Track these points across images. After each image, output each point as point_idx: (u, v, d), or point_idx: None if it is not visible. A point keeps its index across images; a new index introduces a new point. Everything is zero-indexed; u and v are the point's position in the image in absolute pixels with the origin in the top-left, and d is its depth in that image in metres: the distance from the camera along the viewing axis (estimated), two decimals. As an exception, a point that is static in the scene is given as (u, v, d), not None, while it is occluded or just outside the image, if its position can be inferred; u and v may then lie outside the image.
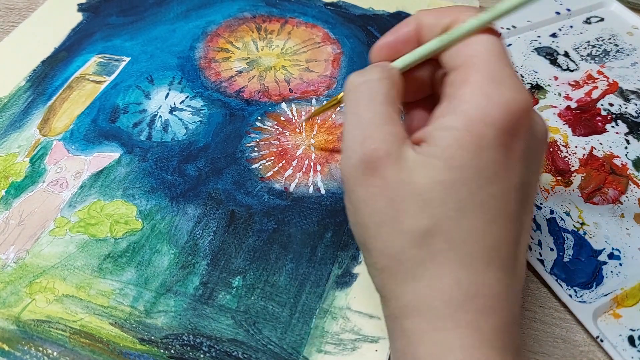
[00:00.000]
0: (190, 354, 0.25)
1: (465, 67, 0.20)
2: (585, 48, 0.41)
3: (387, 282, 0.20)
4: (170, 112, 0.36)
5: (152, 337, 0.26)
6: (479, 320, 0.19)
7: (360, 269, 0.29)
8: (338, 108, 0.36)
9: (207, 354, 0.25)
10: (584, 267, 0.29)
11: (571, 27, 0.42)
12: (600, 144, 0.35)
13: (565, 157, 0.34)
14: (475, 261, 0.19)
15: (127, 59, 0.40)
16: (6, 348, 0.26)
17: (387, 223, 0.20)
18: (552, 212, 0.31)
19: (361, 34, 0.42)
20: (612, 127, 0.36)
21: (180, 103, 0.37)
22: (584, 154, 0.34)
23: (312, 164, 0.33)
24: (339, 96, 0.28)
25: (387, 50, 0.23)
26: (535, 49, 0.41)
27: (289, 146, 0.34)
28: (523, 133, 0.20)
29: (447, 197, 0.19)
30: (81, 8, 0.44)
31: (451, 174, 0.19)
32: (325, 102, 0.32)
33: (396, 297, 0.20)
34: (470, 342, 0.19)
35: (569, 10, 0.43)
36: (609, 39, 0.42)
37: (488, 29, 0.20)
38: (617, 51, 0.41)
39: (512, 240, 0.20)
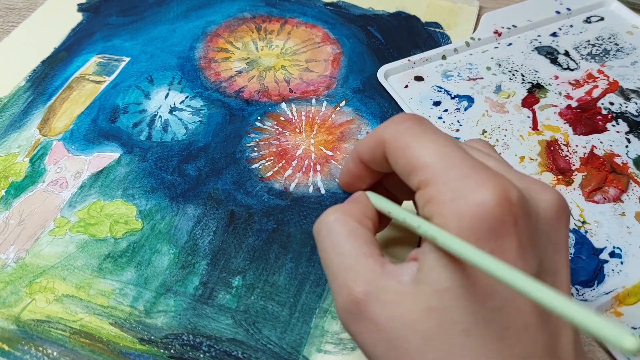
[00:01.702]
0: (190, 353, 0.25)
1: (429, 187, 0.18)
2: (586, 47, 0.41)
3: None
4: (170, 112, 0.36)
5: (152, 337, 0.26)
6: None
7: (360, 269, 0.28)
8: (338, 108, 0.37)
9: (207, 354, 0.25)
10: (585, 265, 0.28)
11: (571, 26, 0.42)
12: (601, 142, 0.34)
13: (566, 156, 0.34)
14: None
15: (127, 59, 0.40)
16: (6, 348, 0.26)
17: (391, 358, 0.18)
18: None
19: (361, 34, 0.42)
20: (613, 125, 0.35)
21: (180, 103, 0.37)
22: (585, 153, 0.34)
23: (312, 164, 0.33)
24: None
25: (350, 187, 0.25)
26: (536, 48, 0.41)
27: (289, 146, 0.34)
28: (510, 226, 0.17)
29: (445, 325, 0.17)
30: (81, 8, 0.44)
31: (442, 299, 0.17)
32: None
33: None
34: None
35: (569, 9, 0.43)
36: (609, 38, 0.41)
37: None
38: (618, 50, 0.41)
39: (541, 347, 0.17)
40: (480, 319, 0.17)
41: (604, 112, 0.36)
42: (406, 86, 0.38)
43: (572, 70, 0.39)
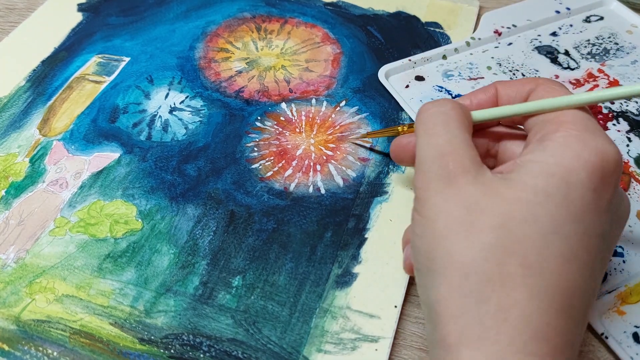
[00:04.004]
0: (190, 353, 0.25)
1: (557, 119, 0.20)
2: (586, 47, 0.41)
3: (447, 296, 0.18)
4: (170, 112, 0.36)
5: (152, 337, 0.26)
6: None
7: (360, 269, 0.28)
8: (338, 108, 0.36)
9: (207, 354, 0.25)
10: (586, 265, 0.28)
11: (571, 25, 0.42)
12: (602, 142, 0.34)
13: (567, 155, 0.34)
14: (547, 299, 0.17)
15: (127, 59, 0.40)
16: (6, 348, 0.26)
17: (461, 231, 0.18)
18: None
19: (361, 34, 0.42)
20: (614, 125, 0.35)
21: (180, 103, 0.37)
22: (585, 152, 0.34)
23: (311, 163, 0.33)
24: (400, 128, 0.29)
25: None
26: (536, 47, 0.41)
27: (289, 146, 0.34)
28: (613, 185, 0.19)
29: (528, 217, 0.18)
30: (81, 8, 0.44)
31: (536, 197, 0.18)
32: (376, 129, 0.33)
33: (454, 317, 0.18)
34: None
35: (568, 9, 0.43)
36: (609, 37, 0.41)
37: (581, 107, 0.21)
38: (617, 49, 0.40)
39: (586, 293, 0.19)
40: (561, 232, 0.18)
41: (605, 111, 0.36)
42: (407, 86, 0.38)
43: (572, 69, 0.39)
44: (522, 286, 0.17)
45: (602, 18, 0.43)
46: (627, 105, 0.37)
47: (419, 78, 0.39)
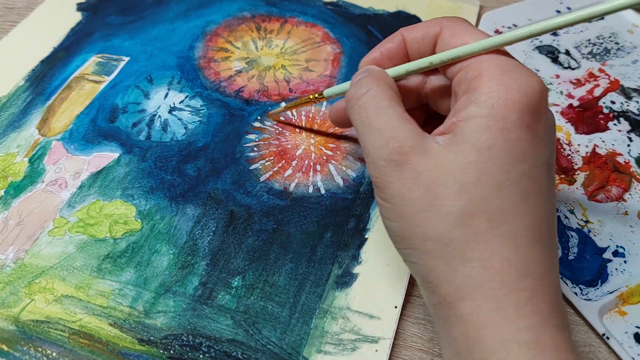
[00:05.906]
0: (190, 354, 0.25)
1: (475, 65, 0.21)
2: (586, 46, 0.41)
3: (434, 266, 0.20)
4: (170, 111, 0.36)
5: (152, 338, 0.26)
6: (536, 298, 0.19)
7: (360, 269, 0.28)
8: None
9: (207, 355, 0.25)
10: (589, 265, 0.28)
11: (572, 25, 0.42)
12: (603, 141, 0.34)
13: (569, 155, 0.34)
14: (519, 239, 0.20)
15: (126, 59, 0.40)
16: (5, 348, 0.25)
17: (427, 209, 0.20)
18: (556, 210, 0.31)
19: (361, 33, 0.42)
20: (615, 124, 0.35)
21: (179, 103, 0.37)
22: (587, 152, 0.34)
23: (311, 163, 0.33)
24: (312, 96, 0.31)
25: (374, 64, 0.25)
26: (537, 47, 0.41)
27: (289, 146, 0.34)
28: (543, 113, 0.21)
29: (480, 176, 0.20)
30: (80, 7, 0.44)
31: (481, 155, 0.20)
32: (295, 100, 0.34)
33: (447, 281, 0.20)
34: (534, 321, 0.19)
35: (569, 8, 0.43)
36: (610, 37, 0.41)
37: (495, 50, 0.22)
38: (618, 49, 0.40)
39: (548, 218, 0.21)
40: (511, 177, 0.20)
41: (606, 111, 0.36)
42: (407, 85, 0.38)
43: (573, 69, 0.39)
44: (495, 237, 0.19)
45: (602, 18, 0.43)
46: (628, 105, 0.36)
47: (420, 78, 0.38)
